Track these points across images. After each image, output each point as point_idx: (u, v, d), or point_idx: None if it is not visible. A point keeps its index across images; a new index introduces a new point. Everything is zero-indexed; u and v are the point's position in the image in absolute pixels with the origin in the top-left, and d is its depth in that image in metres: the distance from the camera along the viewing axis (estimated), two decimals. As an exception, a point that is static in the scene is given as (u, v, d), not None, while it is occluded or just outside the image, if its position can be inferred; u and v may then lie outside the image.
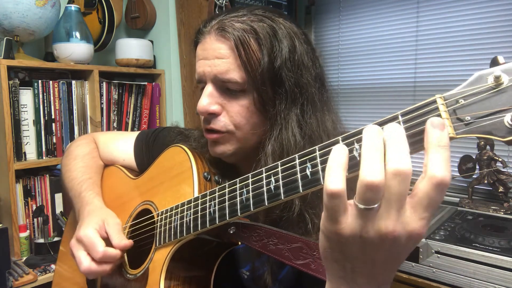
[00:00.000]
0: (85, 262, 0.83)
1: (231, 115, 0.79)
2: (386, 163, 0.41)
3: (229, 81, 0.76)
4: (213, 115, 0.79)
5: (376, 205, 0.41)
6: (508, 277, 1.31)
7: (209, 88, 0.79)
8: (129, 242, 0.86)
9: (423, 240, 1.48)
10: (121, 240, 0.85)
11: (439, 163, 0.41)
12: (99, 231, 0.86)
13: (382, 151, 0.42)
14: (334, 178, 0.42)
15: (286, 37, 0.77)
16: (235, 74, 0.76)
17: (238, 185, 0.67)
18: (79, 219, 0.93)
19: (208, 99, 0.78)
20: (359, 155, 0.44)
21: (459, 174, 1.91)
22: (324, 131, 0.78)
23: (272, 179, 0.59)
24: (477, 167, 1.84)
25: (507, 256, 1.33)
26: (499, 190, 1.79)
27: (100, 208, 0.94)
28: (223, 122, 0.79)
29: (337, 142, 0.49)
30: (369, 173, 0.41)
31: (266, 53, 0.75)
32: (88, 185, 1.01)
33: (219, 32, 0.77)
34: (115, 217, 0.91)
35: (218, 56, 0.77)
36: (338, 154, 0.44)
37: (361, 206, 0.42)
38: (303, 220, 0.75)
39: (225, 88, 0.78)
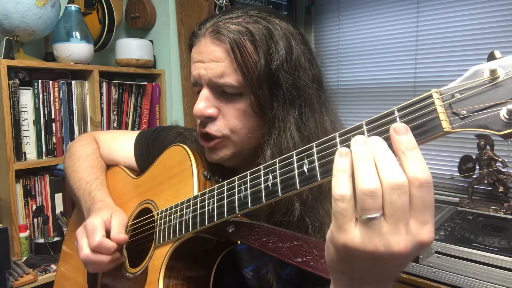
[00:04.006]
0: (85, 250, 0.84)
1: (228, 118, 0.78)
2: (381, 179, 0.42)
3: (224, 85, 0.76)
4: (210, 119, 0.79)
5: (378, 214, 0.42)
6: (508, 277, 1.31)
7: (205, 92, 0.78)
8: (124, 237, 0.86)
9: (423, 240, 1.48)
10: (119, 233, 0.86)
11: (415, 165, 0.42)
12: (105, 222, 0.88)
13: (372, 159, 0.43)
14: (341, 182, 0.43)
15: (282, 38, 0.76)
16: (230, 78, 0.75)
17: (236, 183, 0.67)
18: (89, 214, 0.93)
19: (204, 103, 0.78)
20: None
21: (459, 174, 1.91)
22: (322, 132, 0.78)
23: (270, 176, 0.59)
24: (477, 167, 1.84)
25: (507, 256, 1.32)
26: (499, 190, 1.79)
27: (112, 205, 0.96)
28: (218, 126, 0.78)
29: (334, 138, 0.50)
30: (364, 181, 0.42)
31: (262, 55, 0.74)
32: (97, 185, 1.02)
33: (214, 34, 0.76)
34: (123, 214, 0.93)
35: (213, 59, 0.76)
36: (343, 159, 0.45)
37: (364, 217, 0.42)
38: (303, 224, 0.74)
39: (221, 91, 0.78)
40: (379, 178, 0.42)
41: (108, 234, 0.86)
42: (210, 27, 0.77)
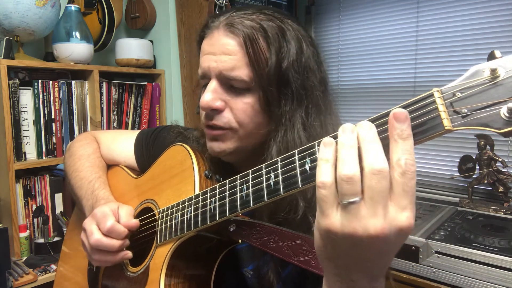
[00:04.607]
0: (96, 234, 0.84)
1: (235, 112, 0.78)
2: (363, 164, 0.43)
3: (234, 78, 0.76)
4: (216, 111, 0.79)
5: (356, 198, 0.43)
6: (508, 277, 1.31)
7: (213, 84, 0.78)
8: (135, 222, 0.88)
9: (423, 240, 1.48)
10: (129, 220, 0.87)
11: (402, 153, 0.43)
12: (113, 211, 0.88)
13: (355, 147, 0.44)
14: (323, 171, 0.45)
15: (294, 39, 0.77)
16: (241, 72, 0.75)
17: (238, 182, 0.67)
18: (92, 210, 0.93)
19: (212, 95, 0.77)
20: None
21: (459, 174, 1.91)
22: (327, 133, 0.78)
23: (272, 174, 0.59)
24: (477, 167, 1.84)
25: (507, 256, 1.33)
26: (499, 190, 1.79)
27: (116, 202, 0.96)
28: (226, 119, 0.78)
29: (335, 137, 0.50)
30: (344, 167, 0.43)
31: (274, 53, 0.74)
32: (100, 184, 1.02)
33: (228, 27, 0.76)
34: (129, 206, 0.93)
35: (225, 51, 0.76)
36: (327, 149, 0.47)
37: (344, 201, 0.43)
38: (306, 223, 0.75)
39: (230, 85, 0.77)
40: (361, 163, 0.44)
41: None
42: (224, 20, 0.77)
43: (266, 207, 0.74)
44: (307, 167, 0.53)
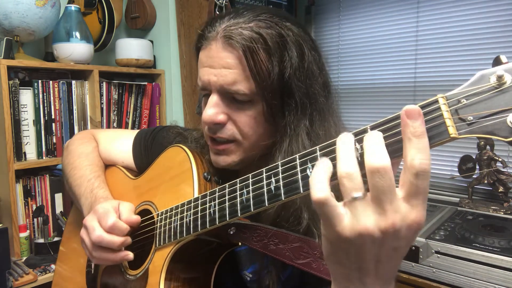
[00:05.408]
0: (98, 231, 0.84)
1: (238, 125, 0.77)
2: (364, 163, 0.43)
3: (236, 92, 0.74)
4: (219, 125, 0.77)
5: (360, 194, 0.43)
6: (508, 277, 1.31)
7: (214, 98, 0.76)
8: (136, 218, 0.87)
9: (423, 240, 1.48)
10: (130, 216, 0.87)
11: (415, 153, 0.42)
12: (115, 208, 0.88)
13: (352, 149, 0.45)
14: (318, 187, 0.45)
15: (295, 45, 0.75)
16: (242, 85, 0.73)
17: (238, 186, 0.66)
18: (91, 209, 0.93)
19: (214, 109, 0.76)
20: (360, 155, 0.46)
21: (459, 174, 1.91)
22: (330, 139, 0.78)
23: (273, 179, 0.58)
24: (477, 167, 1.84)
25: (507, 256, 1.33)
26: (499, 190, 1.79)
27: (117, 200, 0.96)
28: (230, 131, 0.77)
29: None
30: (342, 165, 0.44)
31: (276, 64, 0.73)
32: (99, 183, 1.02)
33: (226, 40, 0.73)
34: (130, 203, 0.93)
35: (225, 65, 0.74)
36: (322, 165, 0.47)
37: (347, 199, 0.43)
38: (309, 235, 0.73)
39: (231, 98, 0.76)
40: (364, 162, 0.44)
41: None
42: (221, 31, 0.74)
43: (268, 217, 0.74)
44: (308, 172, 0.52)
